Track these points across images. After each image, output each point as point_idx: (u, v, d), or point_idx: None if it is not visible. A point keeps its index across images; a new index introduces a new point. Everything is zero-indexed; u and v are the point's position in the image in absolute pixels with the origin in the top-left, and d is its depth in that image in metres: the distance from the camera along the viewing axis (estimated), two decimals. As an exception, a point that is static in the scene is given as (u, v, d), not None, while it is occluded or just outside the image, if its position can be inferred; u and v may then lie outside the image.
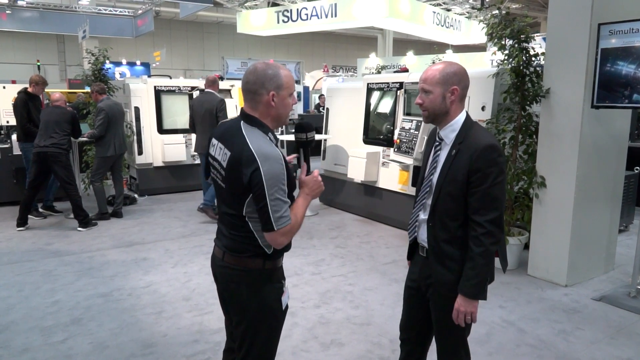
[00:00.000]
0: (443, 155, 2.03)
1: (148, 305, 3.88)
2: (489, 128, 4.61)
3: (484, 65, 14.83)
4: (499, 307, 3.85)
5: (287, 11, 13.53)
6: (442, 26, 14.01)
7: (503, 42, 4.52)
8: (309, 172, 2.04)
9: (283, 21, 13.70)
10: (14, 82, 8.28)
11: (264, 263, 1.92)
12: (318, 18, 12.97)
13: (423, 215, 2.12)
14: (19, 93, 6.39)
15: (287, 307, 2.02)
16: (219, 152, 1.91)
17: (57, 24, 15.29)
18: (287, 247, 1.99)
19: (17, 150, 6.76)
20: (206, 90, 6.53)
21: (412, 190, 5.68)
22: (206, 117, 6.22)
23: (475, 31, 14.93)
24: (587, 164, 4.14)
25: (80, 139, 6.30)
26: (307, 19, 13.23)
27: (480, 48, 17.42)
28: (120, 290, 4.17)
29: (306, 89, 18.11)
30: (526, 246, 4.67)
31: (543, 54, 4.39)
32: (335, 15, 12.51)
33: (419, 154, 5.30)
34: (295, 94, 1.98)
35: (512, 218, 4.67)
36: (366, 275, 4.52)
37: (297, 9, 13.30)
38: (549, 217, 4.33)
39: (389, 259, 4.98)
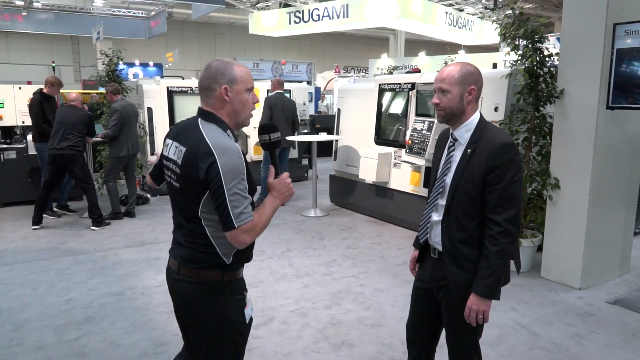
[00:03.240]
0: (458, 155, 2.01)
1: (160, 304, 3.91)
2: (502, 129, 4.58)
3: (497, 66, 14.72)
4: (512, 309, 3.81)
5: (299, 12, 13.55)
6: (455, 26, 13.94)
7: (516, 43, 4.48)
8: (277, 174, 1.89)
9: (295, 22, 13.73)
10: (29, 83, 8.38)
11: (222, 274, 1.81)
12: (330, 19, 12.97)
13: (436, 217, 2.08)
14: (34, 94, 6.47)
15: (251, 319, 1.93)
16: (174, 150, 1.84)
17: (72, 26, 15.48)
18: (249, 257, 1.91)
19: (32, 150, 6.86)
20: (277, 91, 7.16)
21: (424, 192, 5.66)
22: (288, 115, 7.06)
23: (488, 31, 14.83)
24: (601, 165, 4.09)
25: (94, 139, 6.36)
26: (318, 19, 13.25)
27: (493, 48, 17.30)
28: (132, 289, 4.21)
29: (317, 89, 18.11)
30: (539, 248, 4.62)
31: (557, 54, 4.35)
32: (347, 16, 12.50)
33: (431, 155, 5.26)
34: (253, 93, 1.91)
35: (526, 220, 4.63)
36: (377, 277, 4.51)
37: (309, 10, 13.32)
38: (563, 219, 4.28)
39: (400, 260, 4.96)
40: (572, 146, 4.16)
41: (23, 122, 7.19)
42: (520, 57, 4.46)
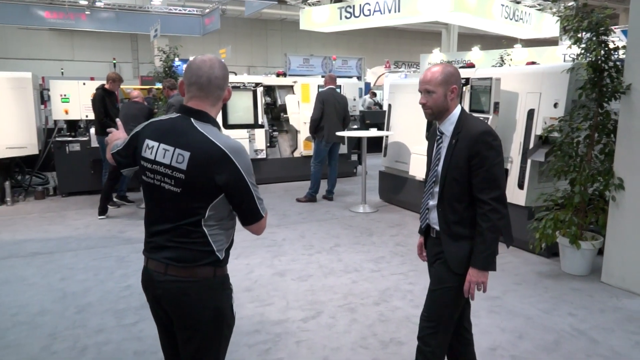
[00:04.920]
0: (445, 146, 2.23)
1: (212, 294, 4.01)
2: (561, 126, 4.40)
3: (556, 60, 14.12)
4: (569, 314, 3.66)
5: (350, 7, 13.48)
6: (511, 19, 13.44)
7: (579, 36, 4.28)
8: None
9: (345, 17, 13.67)
10: (92, 79, 8.81)
11: (214, 270, 1.79)
12: (381, 13, 12.82)
13: (432, 202, 2.30)
14: (97, 89, 6.80)
15: (235, 314, 1.92)
16: (163, 153, 1.73)
17: (131, 24, 16.11)
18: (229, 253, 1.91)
19: (94, 143, 7.22)
20: (329, 87, 7.20)
21: (476, 190, 5.52)
22: (339, 110, 7.09)
23: (547, 24, 14.22)
24: (672, 165, 3.85)
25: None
26: (369, 14, 13.12)
27: (552, 42, 16.60)
28: (186, 278, 4.35)
29: (367, 85, 18.01)
30: (600, 251, 4.41)
31: (624, 47, 4.12)
32: (399, 11, 12.31)
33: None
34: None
35: (586, 221, 4.43)
36: (427, 275, 4.41)
37: (360, 5, 13.22)
38: (627, 221, 4.06)
39: (450, 259, 4.87)
40: (639, 145, 3.93)
41: (86, 116, 7.56)
42: (583, 51, 4.26)
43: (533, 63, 5.63)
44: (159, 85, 9.26)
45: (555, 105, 4.69)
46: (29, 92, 7.14)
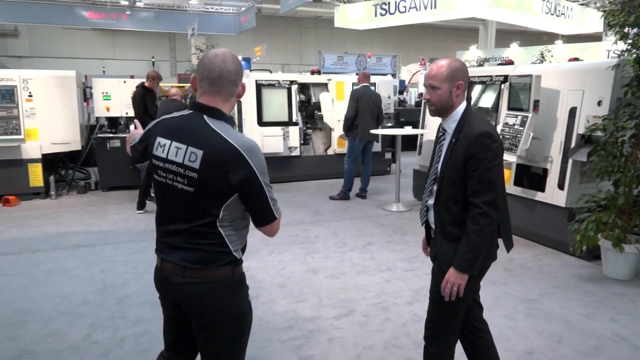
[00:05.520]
0: (445, 145, 2.19)
1: (246, 289, 4.07)
2: (605, 125, 4.24)
3: (599, 56, 13.63)
4: (611, 319, 3.54)
5: (385, 4, 13.37)
6: (552, 15, 13.04)
7: (625, 31, 4.12)
8: None
9: (380, 14, 13.56)
10: (132, 77, 9.05)
11: (233, 270, 1.78)
12: (417, 10, 12.66)
13: (430, 201, 2.28)
14: (137, 87, 6.98)
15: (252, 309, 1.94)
16: (175, 152, 1.69)
17: (170, 23, 16.47)
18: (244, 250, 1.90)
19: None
20: (363, 84, 7.17)
21: (513, 190, 5.40)
22: (373, 108, 7.06)
23: (590, 19, 13.74)
24: None
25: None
26: (405, 11, 12.97)
27: (595, 38, 16.02)
28: (221, 273, 4.42)
29: (402, 82, 17.83)
30: (645, 255, 4.25)
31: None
32: (435, 7, 12.13)
33: (523, 151, 5.01)
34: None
35: (630, 224, 4.27)
36: (461, 275, 4.37)
37: (395, 2, 13.09)
38: (675, 224, 3.89)
39: (486, 260, 4.78)
40: (689, 145, 3.76)
41: (127, 113, 7.78)
42: (629, 47, 4.09)
43: (576, 59, 5.45)
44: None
45: (599, 103, 4.53)
46: (73, 90, 7.40)
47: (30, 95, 6.99)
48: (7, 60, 18.80)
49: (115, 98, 7.83)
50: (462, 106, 2.17)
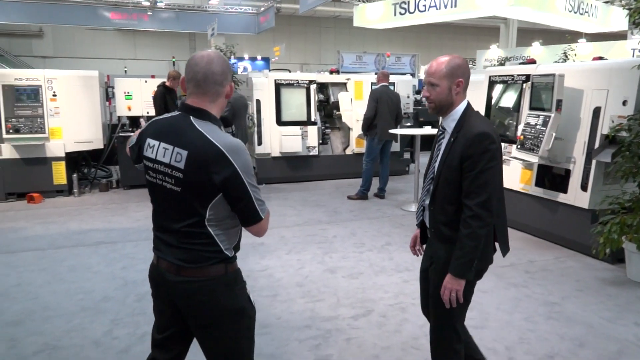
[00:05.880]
0: (444, 144, 2.16)
1: (264, 287, 4.09)
2: (630, 125, 4.15)
3: (624, 55, 13.35)
4: (634, 324, 3.46)
5: (405, 3, 13.28)
6: (576, 13, 12.80)
7: (653, 29, 4.03)
8: None
9: (400, 13, 13.48)
10: (153, 76, 9.17)
11: (225, 268, 1.81)
12: (437, 9, 12.55)
13: (427, 200, 2.26)
14: (158, 87, 7.06)
15: (254, 302, 1.95)
16: (163, 152, 1.73)
17: (190, 23, 16.65)
18: (239, 248, 1.92)
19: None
20: (382, 84, 7.13)
21: (535, 191, 5.33)
22: (392, 108, 7.03)
23: (615, 18, 13.46)
24: None
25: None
26: (424, 10, 12.87)
27: (620, 36, 15.69)
28: (239, 271, 4.45)
29: (421, 82, 17.71)
30: (671, 259, 4.14)
31: None
32: (455, 6, 12.01)
33: (545, 152, 4.93)
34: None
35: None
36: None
37: (415, 1, 13.00)
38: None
39: (506, 261, 4.72)
40: None
41: (147, 112, 7.88)
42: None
43: (600, 58, 5.35)
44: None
45: (624, 103, 4.43)
46: (96, 90, 7.53)
47: (54, 95, 7.13)
48: (31, 60, 19.23)
49: (137, 97, 7.94)
50: (463, 105, 2.13)
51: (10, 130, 6.81)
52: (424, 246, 2.47)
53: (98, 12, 15.28)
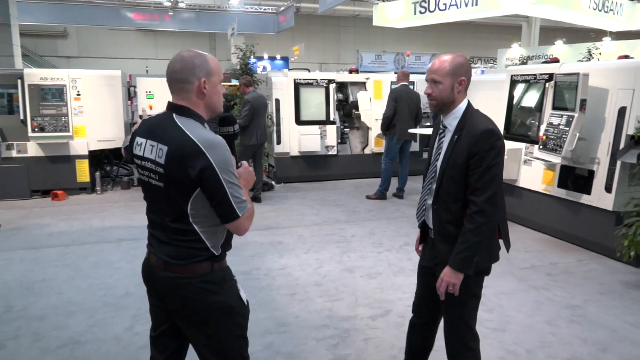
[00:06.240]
0: (446, 142, 2.16)
1: (283, 286, 4.11)
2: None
3: None
4: (661, 329, 3.39)
5: (425, 2, 13.17)
6: (600, 11, 12.52)
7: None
8: (237, 164, 1.90)
9: (420, 12, 13.36)
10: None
11: (212, 265, 1.81)
12: (457, 8, 12.39)
13: (430, 200, 2.24)
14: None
15: (247, 302, 1.95)
16: (150, 150, 1.77)
17: (210, 24, 16.80)
18: (230, 246, 1.93)
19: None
20: (402, 83, 7.12)
21: (557, 192, 5.24)
22: (412, 107, 7.02)
23: (641, 15, 13.13)
24: None
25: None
26: (445, 9, 12.72)
27: (647, 34, 15.31)
28: (258, 269, 4.48)
29: (441, 81, 17.56)
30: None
31: None
32: (477, 4, 11.85)
33: (568, 152, 4.85)
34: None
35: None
36: (501, 279, 4.28)
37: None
38: None
39: (527, 263, 4.66)
40: None
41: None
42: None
43: (626, 57, 5.23)
44: (233, 82, 9.57)
45: (651, 102, 4.33)
46: (119, 89, 7.65)
47: (78, 94, 7.27)
48: (56, 60, 19.63)
49: (158, 97, 8.05)
50: (464, 103, 2.15)
51: (36, 129, 6.97)
52: (422, 245, 2.48)
53: (121, 12, 15.53)
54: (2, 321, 3.50)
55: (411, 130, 6.93)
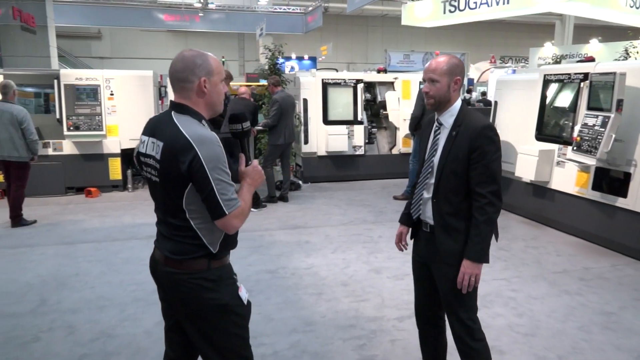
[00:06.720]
0: (443, 138, 2.25)
1: (309, 285, 4.12)
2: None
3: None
4: (701, 338, 3.26)
5: (455, 0, 13.02)
6: (638, 8, 12.13)
7: None
8: (247, 163, 1.94)
9: (450, 11, 13.20)
10: (203, 76, 9.41)
11: (209, 263, 1.83)
12: (488, 6, 12.19)
13: (427, 194, 2.32)
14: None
15: (249, 302, 1.95)
16: (151, 146, 1.81)
17: (239, 24, 16.99)
18: (234, 244, 1.93)
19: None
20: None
21: (591, 194, 5.10)
22: None
23: (682, 12, 12.64)
24: None
25: (256, 127, 6.91)
26: (475, 7, 12.53)
27: (688, 32, 14.75)
28: (284, 268, 4.50)
29: (470, 81, 17.31)
30: None
31: None
32: (508, 2, 11.64)
33: (604, 154, 4.71)
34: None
35: None
36: (532, 283, 4.19)
37: (466, -2, 12.70)
38: None
39: (559, 267, 4.55)
40: None
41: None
42: None
43: (591, 59, 5.07)
44: (261, 82, 9.64)
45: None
46: (150, 89, 7.80)
47: (111, 94, 7.45)
48: (90, 61, 20.17)
49: (188, 97, 8.16)
50: (459, 102, 2.25)
51: (71, 128, 7.17)
52: (412, 240, 2.54)
53: (152, 14, 15.85)
54: (37, 314, 3.61)
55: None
